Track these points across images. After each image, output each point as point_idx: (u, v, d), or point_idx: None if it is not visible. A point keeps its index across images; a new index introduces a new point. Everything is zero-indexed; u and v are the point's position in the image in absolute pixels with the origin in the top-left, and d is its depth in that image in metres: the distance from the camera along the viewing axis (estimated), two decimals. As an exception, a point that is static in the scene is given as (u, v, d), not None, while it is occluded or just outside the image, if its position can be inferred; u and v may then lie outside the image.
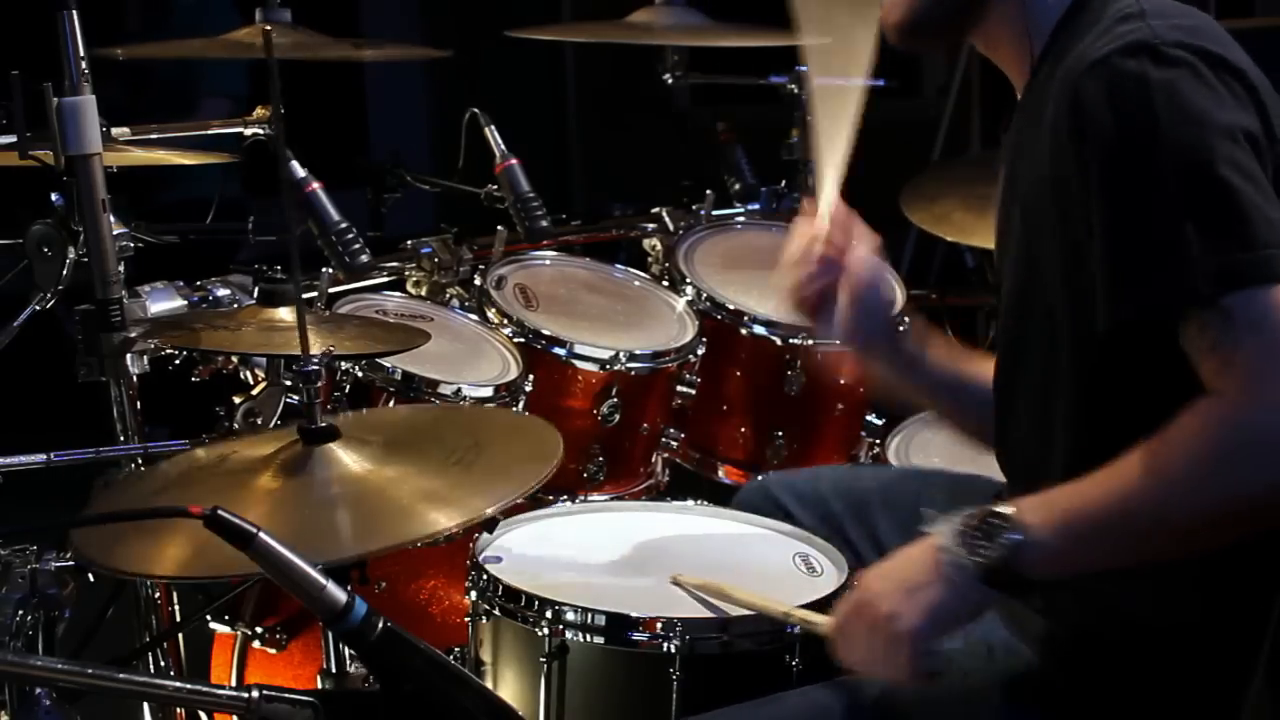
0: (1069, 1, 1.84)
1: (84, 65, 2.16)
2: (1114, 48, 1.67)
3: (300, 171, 2.63)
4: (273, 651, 2.59)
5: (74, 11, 2.15)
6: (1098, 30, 1.75)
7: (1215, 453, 1.59)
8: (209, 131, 2.78)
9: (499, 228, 3.09)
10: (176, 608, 2.48)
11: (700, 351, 2.93)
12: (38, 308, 2.32)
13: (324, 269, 2.77)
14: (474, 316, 2.89)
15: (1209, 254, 1.60)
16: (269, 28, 2.87)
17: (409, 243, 3.07)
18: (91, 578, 1.99)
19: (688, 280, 3.06)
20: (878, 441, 3.10)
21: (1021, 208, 1.85)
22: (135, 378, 2.32)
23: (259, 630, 2.59)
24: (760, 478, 2.53)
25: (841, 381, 3.05)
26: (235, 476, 1.93)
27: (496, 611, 2.09)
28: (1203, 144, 1.62)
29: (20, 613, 1.89)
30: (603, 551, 2.25)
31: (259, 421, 2.31)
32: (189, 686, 1.46)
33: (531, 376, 2.73)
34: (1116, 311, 1.66)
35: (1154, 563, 1.66)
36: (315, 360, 1.92)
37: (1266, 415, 1.57)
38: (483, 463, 1.93)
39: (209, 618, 2.60)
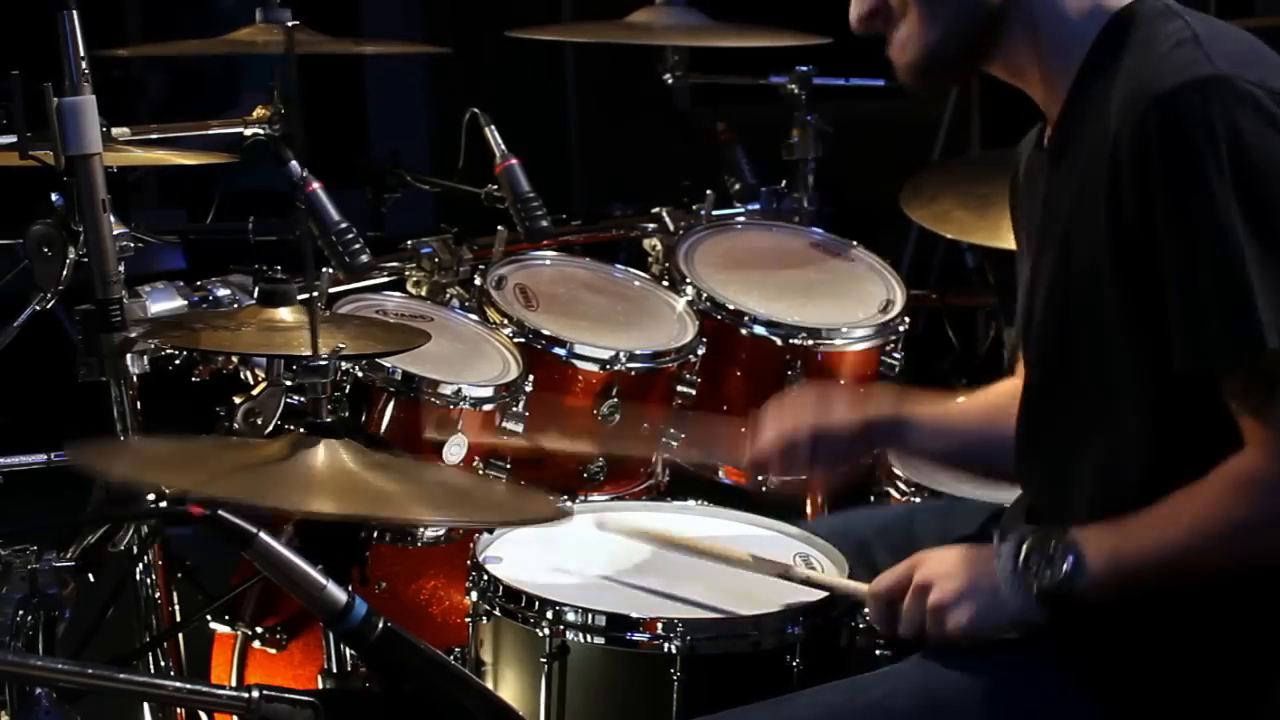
0: (1104, 20, 1.82)
1: (84, 65, 2.16)
2: (1179, 82, 1.67)
3: (300, 171, 2.63)
4: (273, 651, 2.59)
5: (74, 11, 2.15)
6: (1153, 55, 1.74)
7: (1253, 515, 1.70)
8: (208, 132, 2.78)
9: (499, 228, 3.09)
10: (176, 608, 2.48)
11: (700, 351, 2.93)
12: (38, 308, 2.32)
13: (324, 269, 2.77)
14: (474, 316, 2.89)
15: (1267, 310, 1.64)
16: (291, 24, 2.86)
17: (409, 243, 3.07)
18: (91, 578, 1.99)
19: (688, 280, 3.05)
20: (878, 442, 3.09)
21: (1068, 229, 1.84)
22: (135, 378, 2.32)
23: (259, 630, 2.59)
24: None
25: (841, 382, 3.05)
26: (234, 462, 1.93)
27: (497, 612, 2.09)
28: (1265, 195, 1.64)
29: (20, 613, 1.89)
30: (603, 552, 2.25)
31: (259, 422, 2.31)
32: (189, 686, 1.46)
33: (531, 376, 2.72)
34: (1185, 359, 1.70)
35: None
36: (324, 358, 1.92)
37: None
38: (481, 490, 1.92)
39: (209, 618, 2.60)
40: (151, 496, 2.09)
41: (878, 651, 2.10)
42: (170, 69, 5.04)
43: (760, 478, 2.31)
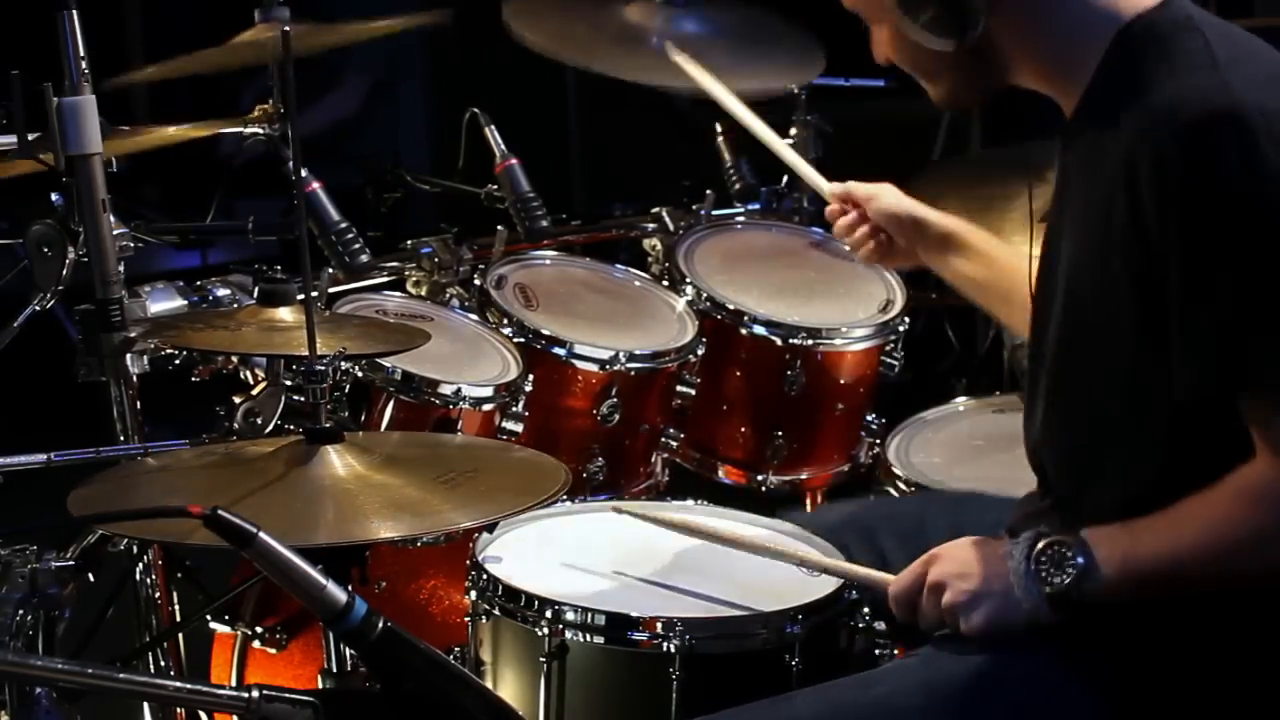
0: (1115, 29, 1.83)
1: (84, 65, 2.16)
2: (1196, 115, 1.69)
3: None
4: (273, 651, 2.59)
5: (74, 11, 2.15)
6: (1171, 79, 1.74)
7: (1266, 525, 1.71)
8: (208, 132, 2.78)
9: (499, 228, 3.09)
10: (176, 608, 2.48)
11: (700, 351, 2.93)
12: (38, 308, 2.32)
13: (324, 269, 2.78)
14: (474, 316, 2.89)
15: (1274, 338, 1.67)
16: (287, 28, 2.86)
17: (409, 243, 3.07)
18: (91, 577, 1.99)
19: (688, 280, 3.06)
20: (878, 441, 3.10)
21: (1080, 235, 1.86)
22: (135, 378, 2.32)
23: (259, 630, 2.59)
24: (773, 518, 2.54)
25: (841, 381, 3.05)
26: (228, 470, 1.93)
27: (496, 611, 2.09)
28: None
29: (20, 613, 1.89)
30: (603, 551, 2.25)
31: (259, 421, 2.31)
32: (189, 686, 1.46)
33: (531, 376, 2.73)
34: (1186, 382, 1.73)
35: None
36: (325, 360, 1.91)
37: None
38: (469, 486, 1.91)
39: (209, 618, 2.60)
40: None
41: (877, 651, 2.11)
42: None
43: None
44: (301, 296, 2.20)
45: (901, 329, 3.05)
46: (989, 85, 1.97)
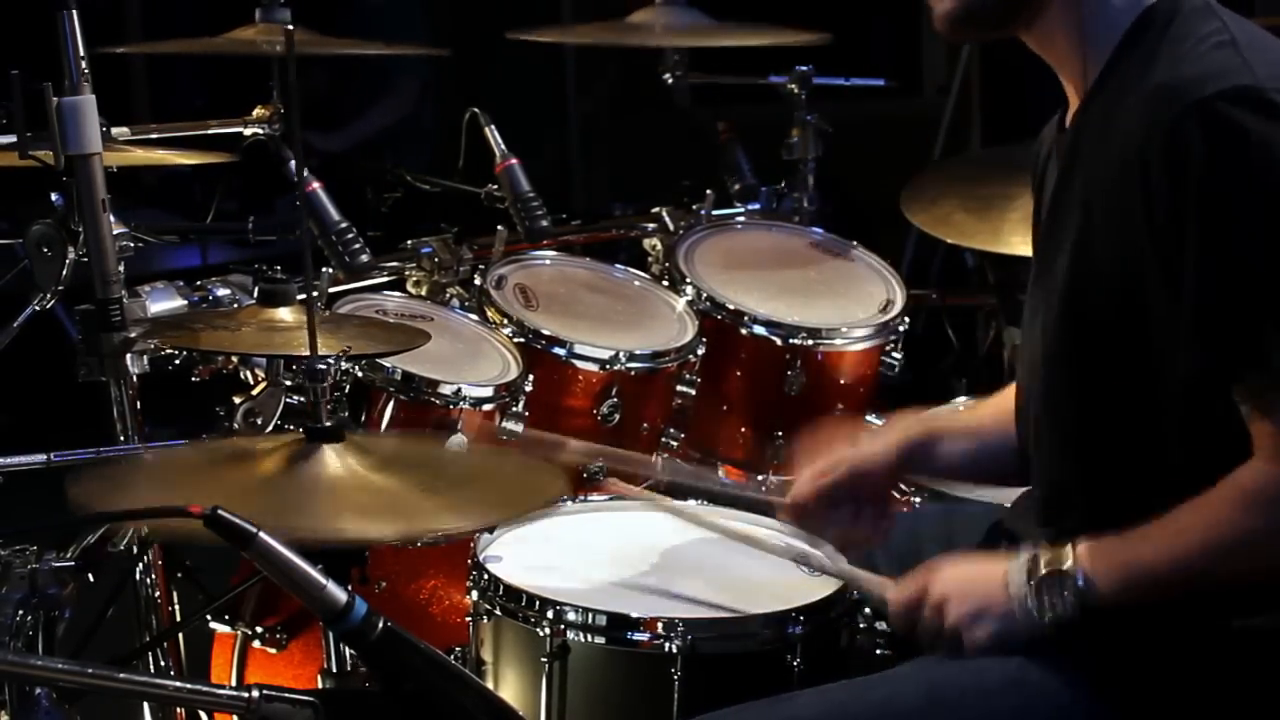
0: (1139, 10, 1.83)
1: (84, 65, 2.16)
2: (1217, 90, 1.68)
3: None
4: (273, 651, 2.59)
5: (74, 11, 2.15)
6: (1185, 53, 1.75)
7: (1265, 527, 1.72)
8: (208, 131, 2.78)
9: (499, 228, 3.09)
10: (176, 608, 2.48)
11: (700, 351, 2.93)
12: (38, 308, 2.32)
13: (324, 269, 2.77)
14: (474, 316, 2.89)
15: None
16: (290, 27, 2.86)
17: (409, 243, 3.07)
18: (91, 578, 1.99)
19: (688, 280, 3.05)
20: (878, 442, 3.09)
21: (1086, 216, 1.84)
22: (135, 378, 2.32)
23: (259, 630, 2.59)
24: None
25: (841, 381, 3.05)
26: (226, 468, 1.93)
27: (497, 611, 2.09)
28: None
29: (20, 613, 1.88)
30: (603, 551, 2.25)
31: (259, 422, 2.31)
32: (189, 686, 1.46)
33: (531, 376, 2.72)
34: (1189, 362, 1.73)
35: None
36: (329, 359, 1.91)
37: None
38: (455, 493, 1.89)
39: (209, 618, 2.60)
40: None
41: (878, 651, 2.11)
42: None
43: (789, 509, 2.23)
44: (302, 296, 2.21)
45: (902, 329, 3.04)
46: (1005, 14, 1.88)
